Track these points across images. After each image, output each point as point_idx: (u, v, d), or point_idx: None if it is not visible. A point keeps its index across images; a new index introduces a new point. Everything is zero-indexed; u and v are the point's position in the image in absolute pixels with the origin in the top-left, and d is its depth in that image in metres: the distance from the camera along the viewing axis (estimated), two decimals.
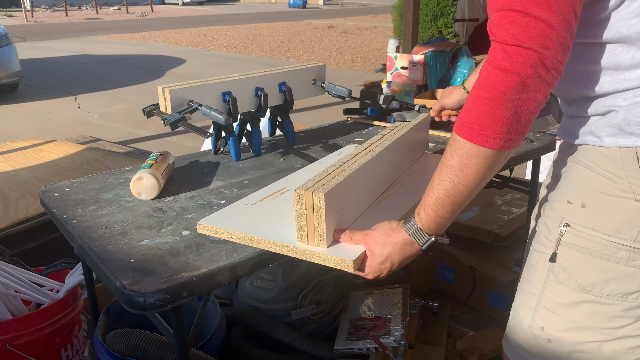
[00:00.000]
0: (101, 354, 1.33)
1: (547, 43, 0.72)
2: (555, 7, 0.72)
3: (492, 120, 0.76)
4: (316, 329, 1.69)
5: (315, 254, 0.89)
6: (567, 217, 0.91)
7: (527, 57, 0.73)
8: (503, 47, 0.74)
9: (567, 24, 0.73)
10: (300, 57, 10.27)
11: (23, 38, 12.63)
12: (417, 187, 1.15)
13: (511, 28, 0.73)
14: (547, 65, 0.73)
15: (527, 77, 0.73)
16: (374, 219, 0.95)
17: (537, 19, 0.72)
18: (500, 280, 2.07)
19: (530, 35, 0.72)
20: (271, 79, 1.52)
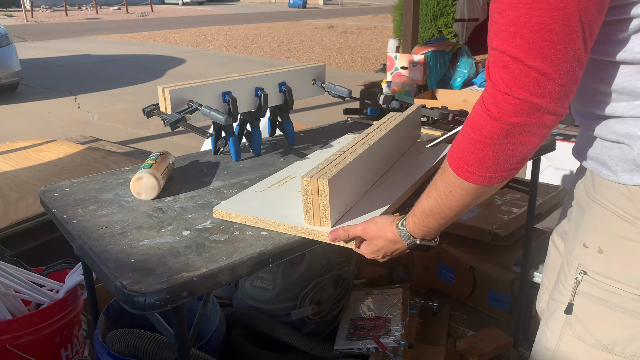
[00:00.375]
0: (101, 354, 1.33)
1: (541, 92, 0.68)
2: (552, 56, 0.66)
3: (477, 160, 0.74)
4: (316, 329, 1.69)
5: (321, 234, 0.98)
6: (583, 263, 0.83)
7: (516, 106, 0.68)
8: (494, 92, 0.70)
9: (567, 73, 0.67)
10: (300, 57, 10.27)
11: (23, 38, 12.63)
12: (411, 173, 1.27)
13: (503, 73, 0.69)
14: (541, 113, 0.69)
15: (515, 126, 0.69)
16: (372, 203, 1.08)
17: (530, 67, 0.66)
18: (500, 280, 2.07)
19: (521, 84, 0.67)
20: (271, 79, 1.52)
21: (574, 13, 0.64)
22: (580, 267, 0.83)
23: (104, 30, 14.81)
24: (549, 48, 0.65)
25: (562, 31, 0.65)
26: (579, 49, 0.66)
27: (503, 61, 0.68)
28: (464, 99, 2.94)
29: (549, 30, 0.64)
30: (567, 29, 0.65)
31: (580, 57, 0.67)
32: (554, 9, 0.63)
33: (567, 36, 0.65)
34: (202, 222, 1.08)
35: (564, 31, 0.65)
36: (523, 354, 1.83)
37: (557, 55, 0.66)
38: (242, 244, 0.99)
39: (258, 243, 0.99)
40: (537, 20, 0.64)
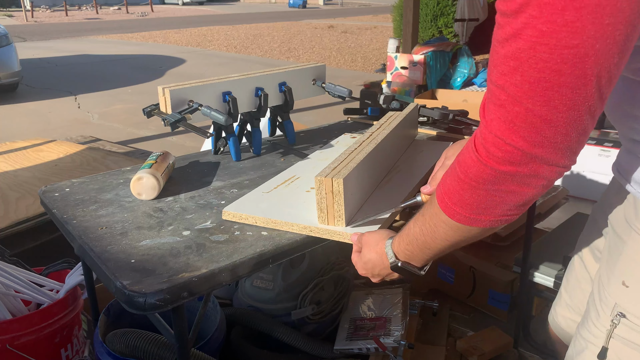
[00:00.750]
0: (101, 354, 1.33)
1: (538, 141, 0.57)
2: (556, 101, 0.55)
3: (460, 199, 0.66)
4: (316, 329, 1.69)
5: (335, 233, 0.99)
6: (621, 303, 0.75)
7: (506, 153, 0.59)
8: (485, 133, 0.61)
9: (573, 122, 0.56)
10: (300, 57, 10.27)
11: (23, 38, 12.63)
12: (414, 171, 1.30)
13: (497, 113, 0.59)
14: (537, 164, 0.59)
15: (504, 174, 0.61)
16: (381, 201, 1.10)
17: (529, 110, 0.56)
18: (500, 280, 2.07)
19: (516, 128, 0.58)
20: (271, 79, 1.52)
21: (589, 53, 0.52)
22: (618, 307, 0.75)
23: (104, 30, 14.81)
24: (552, 90, 0.54)
25: (571, 73, 0.53)
26: (591, 95, 0.55)
27: (500, 99, 0.58)
28: (464, 99, 2.94)
29: (555, 70, 0.53)
30: (577, 72, 0.53)
31: (592, 105, 0.55)
32: (564, 46, 0.52)
33: (577, 80, 0.53)
34: (202, 222, 1.08)
35: (574, 74, 0.53)
36: (523, 354, 1.83)
37: (563, 101, 0.55)
38: (243, 244, 0.99)
39: (258, 243, 0.99)
40: (541, 57, 0.53)
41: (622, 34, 0.52)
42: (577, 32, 0.51)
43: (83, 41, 12.54)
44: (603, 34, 0.51)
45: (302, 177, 1.28)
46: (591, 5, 0.50)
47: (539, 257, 1.79)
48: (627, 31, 0.52)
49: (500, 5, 0.57)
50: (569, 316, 1.15)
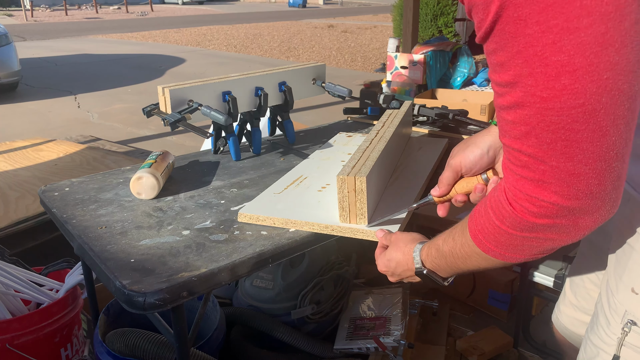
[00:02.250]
0: (101, 354, 1.33)
1: (572, 194, 0.56)
2: (579, 156, 0.54)
3: (496, 240, 0.67)
4: (316, 329, 1.69)
5: (359, 231, 1.00)
6: (631, 310, 0.74)
7: (542, 209, 0.58)
8: (515, 191, 0.60)
9: (603, 171, 0.55)
10: (300, 56, 10.27)
11: (23, 37, 12.62)
12: (418, 168, 1.32)
13: (523, 172, 0.58)
14: (576, 216, 0.58)
15: (543, 226, 0.60)
16: (396, 198, 1.13)
17: (555, 168, 0.55)
18: (500, 280, 2.07)
19: (546, 186, 0.57)
20: (271, 78, 1.52)
21: (597, 108, 0.52)
22: (628, 315, 0.74)
23: (103, 30, 14.81)
24: (572, 147, 0.54)
25: (586, 129, 0.53)
26: (613, 143, 0.54)
27: (521, 160, 0.57)
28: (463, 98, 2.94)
29: (568, 129, 0.53)
30: (592, 126, 0.52)
31: (619, 151, 0.54)
32: (570, 107, 0.52)
33: (593, 133, 0.53)
34: (202, 222, 1.08)
35: (589, 129, 0.53)
36: (523, 354, 1.83)
37: (586, 154, 0.54)
38: (242, 243, 0.99)
39: (258, 243, 0.99)
40: (551, 120, 0.53)
41: (625, 82, 0.51)
42: (579, 92, 0.51)
43: (83, 41, 12.54)
44: (605, 87, 0.51)
45: (309, 176, 1.28)
46: (584, 67, 0.50)
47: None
48: (628, 79, 0.51)
49: (493, 76, 0.56)
50: (574, 315, 1.14)
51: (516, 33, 0.51)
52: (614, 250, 0.84)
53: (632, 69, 0.51)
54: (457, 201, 0.88)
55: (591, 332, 0.85)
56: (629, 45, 0.50)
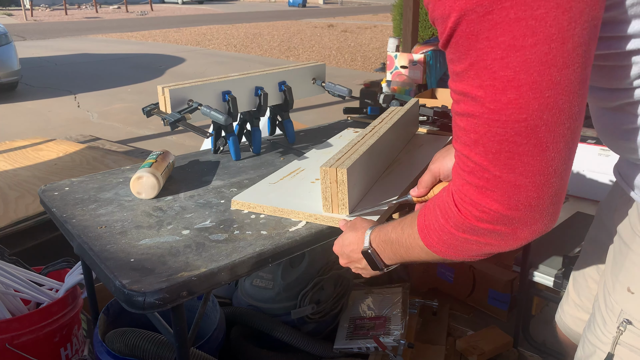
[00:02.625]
0: (101, 353, 1.33)
1: (513, 205, 0.59)
2: (520, 169, 0.57)
3: (439, 238, 0.69)
4: (316, 329, 1.69)
5: (339, 220, 1.02)
6: (627, 310, 0.75)
7: (485, 214, 0.61)
8: (461, 194, 0.63)
9: (543, 184, 0.58)
10: (300, 56, 10.27)
11: (22, 37, 12.62)
12: (413, 164, 1.33)
13: (469, 177, 0.61)
14: (516, 226, 0.61)
15: (484, 230, 0.63)
16: (382, 192, 1.14)
17: (498, 177, 0.58)
18: (500, 280, 2.07)
19: (490, 194, 0.60)
20: (271, 78, 1.52)
21: (539, 124, 0.54)
22: (624, 314, 0.75)
23: (103, 29, 14.80)
24: (514, 160, 0.57)
25: (527, 143, 0.55)
26: (552, 159, 0.56)
27: (468, 166, 0.60)
28: None
29: (512, 141, 0.56)
30: (533, 141, 0.55)
31: (557, 167, 0.57)
32: (514, 120, 0.55)
33: (534, 148, 0.56)
34: (201, 222, 1.08)
35: (530, 143, 0.55)
36: (523, 354, 1.83)
37: (527, 168, 0.57)
38: (242, 243, 0.99)
39: (258, 242, 0.99)
40: (497, 132, 0.56)
41: (566, 102, 0.54)
42: (523, 107, 0.54)
43: (83, 40, 12.54)
44: (547, 105, 0.54)
45: (306, 169, 1.32)
46: (528, 83, 0.53)
47: (538, 257, 1.78)
48: (569, 98, 0.54)
49: (450, 84, 0.60)
50: (577, 315, 1.14)
51: (469, 47, 0.54)
52: (612, 249, 0.85)
53: (573, 90, 0.54)
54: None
55: (588, 331, 0.86)
56: (571, 66, 0.53)
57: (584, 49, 0.53)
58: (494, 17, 0.51)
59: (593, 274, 1.07)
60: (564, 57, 0.52)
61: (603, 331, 0.81)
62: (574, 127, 0.56)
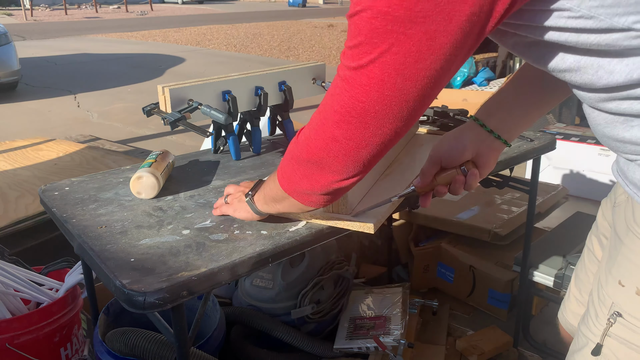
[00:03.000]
0: (101, 353, 1.33)
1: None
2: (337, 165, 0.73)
3: (282, 172, 0.84)
4: (316, 328, 1.69)
5: (340, 220, 1.02)
6: (618, 302, 0.76)
7: (301, 146, 0.77)
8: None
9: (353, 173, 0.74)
10: (300, 56, 10.27)
11: (22, 37, 12.61)
12: (413, 164, 1.32)
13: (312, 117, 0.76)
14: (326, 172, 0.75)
15: (301, 161, 0.78)
16: (382, 191, 1.14)
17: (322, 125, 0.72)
18: (500, 280, 2.07)
19: (314, 129, 0.74)
20: (271, 78, 1.52)
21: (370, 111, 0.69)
22: (615, 307, 0.76)
23: (103, 29, 14.80)
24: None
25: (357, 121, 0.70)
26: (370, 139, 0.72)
27: (320, 112, 0.75)
28: (463, 98, 2.96)
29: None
30: (360, 121, 0.70)
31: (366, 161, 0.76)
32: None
33: (360, 124, 0.70)
34: (202, 221, 1.08)
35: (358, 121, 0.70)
36: (523, 353, 1.84)
37: (347, 134, 0.72)
38: (242, 243, 0.99)
39: (258, 242, 0.99)
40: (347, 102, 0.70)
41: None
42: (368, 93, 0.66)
43: (82, 40, 12.54)
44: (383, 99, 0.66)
45: None
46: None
47: (538, 256, 1.79)
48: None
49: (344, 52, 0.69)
50: (578, 311, 1.13)
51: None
52: (609, 244, 0.86)
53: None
54: (438, 192, 0.91)
55: (582, 324, 0.87)
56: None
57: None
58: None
59: (594, 268, 1.07)
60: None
61: (595, 323, 0.82)
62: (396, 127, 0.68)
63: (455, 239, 2.25)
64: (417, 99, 0.64)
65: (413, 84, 0.62)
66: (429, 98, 0.66)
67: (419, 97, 0.64)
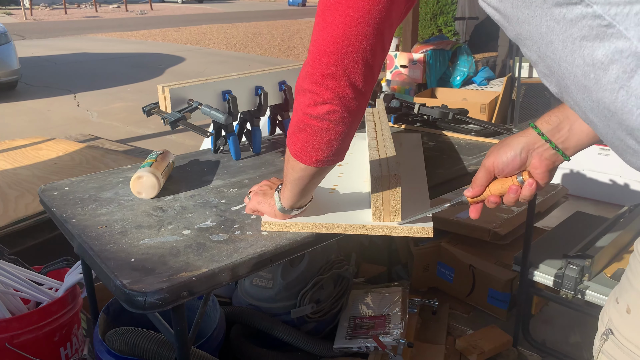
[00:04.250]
0: (101, 353, 1.33)
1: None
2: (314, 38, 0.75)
3: (293, 140, 0.86)
4: (316, 328, 1.69)
5: (394, 228, 0.99)
6: (612, 319, 0.76)
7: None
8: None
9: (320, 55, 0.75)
10: (300, 55, 10.26)
11: (22, 36, 12.60)
12: (412, 163, 1.32)
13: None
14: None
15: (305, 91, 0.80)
16: (410, 195, 1.09)
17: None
18: (500, 279, 2.07)
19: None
20: (271, 77, 1.52)
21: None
22: (609, 323, 0.75)
23: (103, 29, 14.79)
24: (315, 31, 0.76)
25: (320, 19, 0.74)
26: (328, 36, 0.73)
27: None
28: (463, 97, 2.96)
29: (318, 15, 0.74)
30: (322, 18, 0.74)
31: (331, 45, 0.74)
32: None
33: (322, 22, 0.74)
34: (202, 222, 1.08)
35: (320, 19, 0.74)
36: (522, 353, 1.84)
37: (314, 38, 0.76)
38: (243, 243, 0.99)
39: (258, 243, 0.99)
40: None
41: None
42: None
43: (82, 39, 12.52)
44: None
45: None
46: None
47: (538, 256, 1.79)
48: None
49: None
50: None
51: None
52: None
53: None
54: (490, 202, 0.87)
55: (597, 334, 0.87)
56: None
57: None
58: None
59: None
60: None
61: (597, 339, 0.81)
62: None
63: (455, 238, 2.26)
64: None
65: None
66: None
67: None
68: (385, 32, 0.73)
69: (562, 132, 0.79)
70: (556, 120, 0.79)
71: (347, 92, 0.75)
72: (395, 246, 2.36)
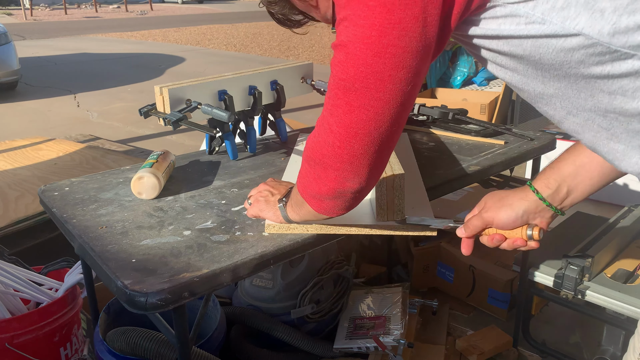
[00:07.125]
0: (101, 352, 1.33)
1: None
2: (334, 119, 0.72)
3: (300, 182, 0.85)
4: (316, 328, 1.69)
5: (399, 227, 0.99)
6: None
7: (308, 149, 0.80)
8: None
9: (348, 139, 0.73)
10: (300, 55, 10.26)
11: (22, 36, 12.60)
12: (405, 163, 1.28)
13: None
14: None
15: (311, 162, 0.79)
16: (409, 195, 1.06)
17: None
18: (500, 279, 2.07)
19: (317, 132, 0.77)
20: (262, 77, 1.51)
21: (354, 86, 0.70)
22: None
23: (103, 29, 14.78)
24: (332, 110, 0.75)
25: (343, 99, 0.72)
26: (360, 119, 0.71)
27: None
28: (463, 97, 2.96)
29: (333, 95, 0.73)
30: (346, 100, 0.71)
31: (363, 127, 0.72)
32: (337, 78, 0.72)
33: (346, 106, 0.71)
34: (203, 222, 1.08)
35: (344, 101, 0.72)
36: (522, 353, 1.84)
37: (337, 120, 0.73)
38: (244, 244, 0.99)
39: (259, 244, 0.99)
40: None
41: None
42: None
43: (82, 39, 12.52)
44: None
45: None
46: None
47: (538, 256, 1.79)
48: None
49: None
50: None
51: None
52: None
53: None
54: (495, 239, 0.91)
55: (627, 353, 0.90)
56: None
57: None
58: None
59: None
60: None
61: (632, 356, 0.83)
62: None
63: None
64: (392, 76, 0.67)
65: (383, 60, 0.66)
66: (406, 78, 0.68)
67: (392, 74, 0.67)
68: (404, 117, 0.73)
69: (561, 194, 0.85)
70: (555, 184, 0.84)
71: (374, 172, 0.76)
72: (395, 246, 2.36)
